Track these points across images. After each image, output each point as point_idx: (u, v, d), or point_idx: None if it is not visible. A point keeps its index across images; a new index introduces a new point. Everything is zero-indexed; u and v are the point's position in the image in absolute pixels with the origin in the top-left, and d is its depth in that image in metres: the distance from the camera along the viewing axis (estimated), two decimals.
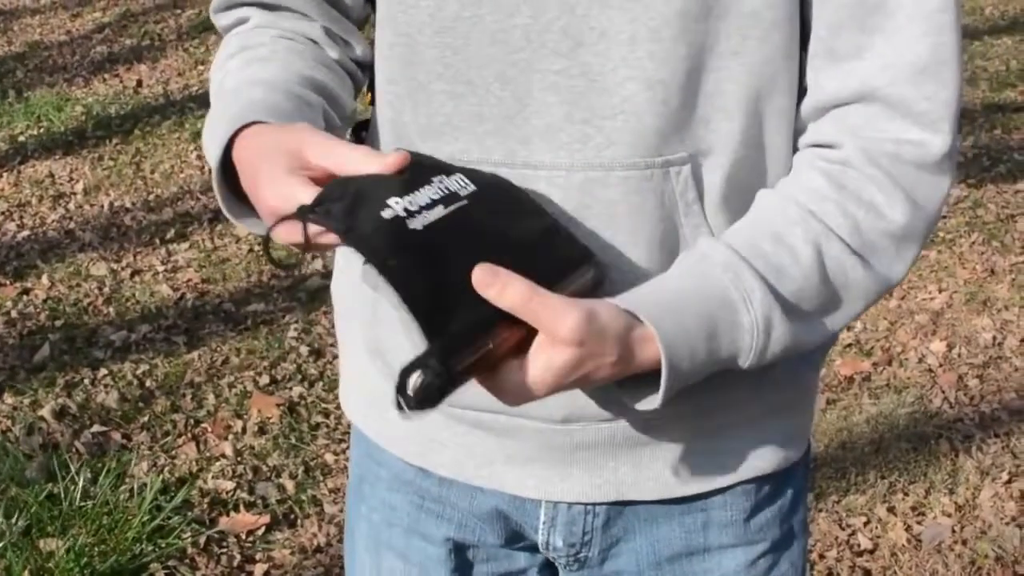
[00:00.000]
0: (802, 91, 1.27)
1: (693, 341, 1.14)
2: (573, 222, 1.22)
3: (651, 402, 1.15)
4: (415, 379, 1.01)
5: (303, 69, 1.33)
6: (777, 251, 1.19)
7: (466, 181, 1.15)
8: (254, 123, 1.20)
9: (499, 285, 1.05)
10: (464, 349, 1.04)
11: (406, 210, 1.08)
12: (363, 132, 1.44)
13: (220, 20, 1.42)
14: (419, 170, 1.13)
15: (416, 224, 1.08)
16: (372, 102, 1.42)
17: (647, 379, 1.14)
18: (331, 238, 1.08)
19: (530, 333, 1.07)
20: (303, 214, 1.08)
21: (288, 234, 1.10)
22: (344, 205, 1.07)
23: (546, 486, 1.36)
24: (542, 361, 1.07)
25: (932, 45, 1.19)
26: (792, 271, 1.19)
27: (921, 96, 1.19)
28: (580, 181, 1.21)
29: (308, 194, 1.09)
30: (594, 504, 1.38)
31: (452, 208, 1.11)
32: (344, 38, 1.40)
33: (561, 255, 1.17)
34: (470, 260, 1.07)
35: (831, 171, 1.22)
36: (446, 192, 1.12)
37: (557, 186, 1.21)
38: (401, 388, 1.02)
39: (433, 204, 1.10)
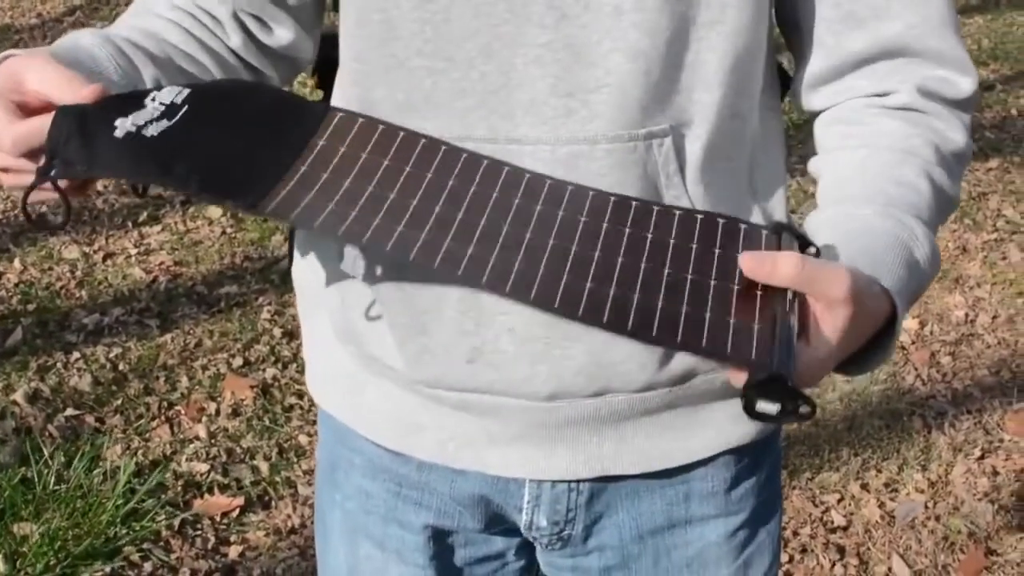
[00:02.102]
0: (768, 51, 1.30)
1: (904, 290, 1.15)
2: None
3: (868, 366, 1.15)
4: (769, 407, 1.00)
5: (159, 40, 1.35)
6: (903, 192, 1.23)
7: (178, 89, 1.19)
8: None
9: (769, 264, 1.05)
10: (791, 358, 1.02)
11: (135, 125, 1.11)
12: None
13: None
14: (129, 96, 1.17)
15: (151, 131, 1.11)
16: (319, 85, 1.43)
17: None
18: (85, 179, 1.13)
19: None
20: (46, 176, 1.10)
21: (46, 195, 1.14)
22: (76, 144, 1.09)
23: (531, 465, 1.36)
24: (828, 328, 1.06)
25: (946, 1, 1.28)
26: (922, 205, 1.23)
27: (947, 47, 1.29)
28: (565, 155, 1.20)
29: (6, 128, 1.12)
30: (578, 481, 1.38)
31: (178, 117, 1.15)
32: (264, 23, 1.40)
33: (298, 116, 1.21)
34: (216, 146, 1.13)
35: (899, 114, 1.29)
36: (164, 105, 1.15)
37: (542, 160, 1.21)
38: (749, 405, 1.01)
39: (158, 119, 1.13)
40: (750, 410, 1.00)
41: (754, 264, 1.07)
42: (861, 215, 1.20)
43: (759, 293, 1.07)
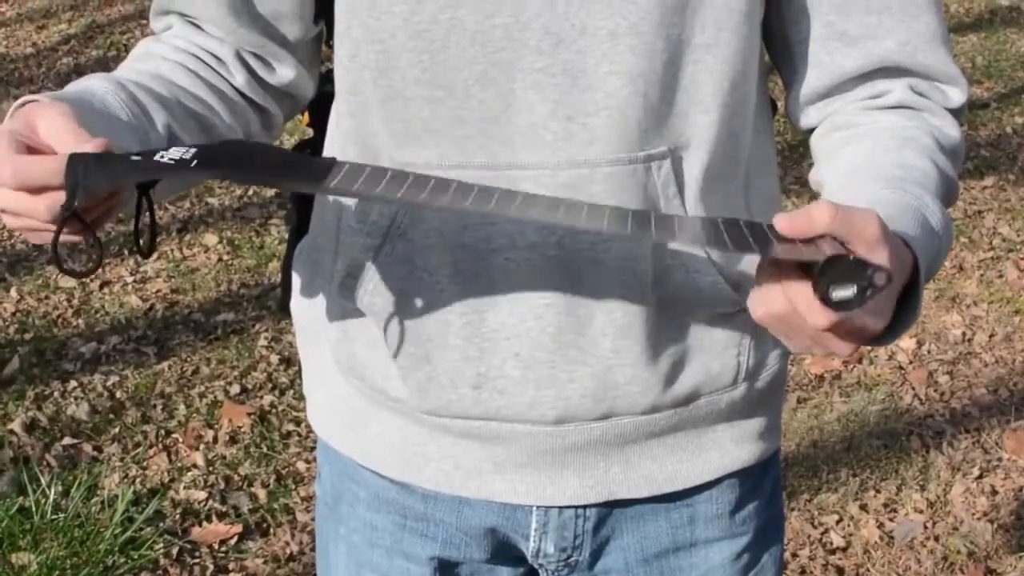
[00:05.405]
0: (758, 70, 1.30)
1: (923, 249, 1.11)
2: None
3: (899, 329, 1.10)
4: (845, 292, 0.95)
5: (167, 83, 1.32)
6: (908, 172, 1.22)
7: (184, 148, 1.13)
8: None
9: (804, 218, 0.99)
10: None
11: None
12: (306, 151, 1.44)
13: (154, 24, 1.42)
14: (138, 152, 1.12)
15: (167, 160, 1.07)
16: (310, 124, 1.42)
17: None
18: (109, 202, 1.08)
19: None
20: (70, 210, 1.04)
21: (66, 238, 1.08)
22: (95, 171, 1.04)
23: (538, 491, 1.36)
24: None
25: (936, 15, 1.29)
26: (928, 182, 1.22)
27: (938, 62, 1.30)
28: (566, 179, 1.21)
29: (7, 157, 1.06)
30: (585, 507, 1.38)
31: (191, 167, 1.10)
32: (267, 61, 1.38)
33: (308, 168, 1.15)
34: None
35: (894, 111, 1.30)
36: (174, 160, 1.10)
37: (543, 185, 1.21)
38: (825, 298, 0.96)
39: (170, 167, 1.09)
40: (828, 301, 0.96)
41: (789, 222, 1.01)
42: (869, 191, 1.18)
43: (799, 242, 1.02)
